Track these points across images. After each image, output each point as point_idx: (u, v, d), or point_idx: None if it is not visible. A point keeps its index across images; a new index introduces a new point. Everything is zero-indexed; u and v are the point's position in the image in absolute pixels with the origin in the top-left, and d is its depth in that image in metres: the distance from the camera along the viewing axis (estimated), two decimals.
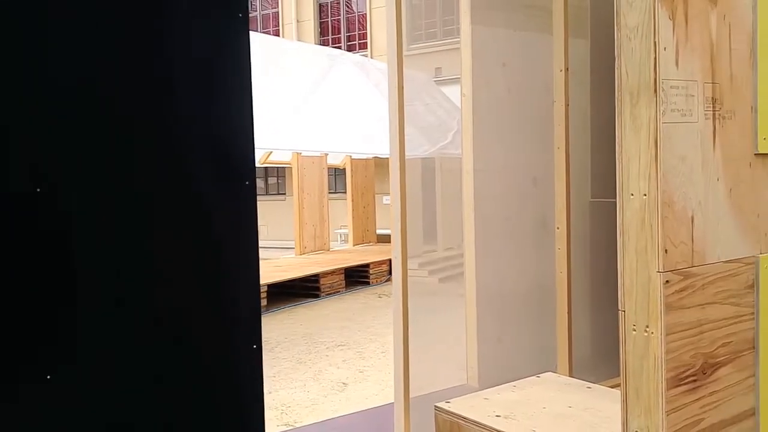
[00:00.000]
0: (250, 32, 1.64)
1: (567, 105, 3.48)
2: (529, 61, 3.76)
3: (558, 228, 3.59)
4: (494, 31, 3.67)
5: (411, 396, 3.06)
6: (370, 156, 11.24)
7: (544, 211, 3.78)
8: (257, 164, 10.67)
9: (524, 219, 3.81)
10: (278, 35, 16.34)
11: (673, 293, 1.34)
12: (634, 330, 1.38)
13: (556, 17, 3.41)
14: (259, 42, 8.15)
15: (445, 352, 4.15)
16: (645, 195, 1.34)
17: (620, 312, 1.41)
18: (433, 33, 13.69)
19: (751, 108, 1.51)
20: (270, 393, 4.98)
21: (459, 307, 3.70)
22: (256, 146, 1.62)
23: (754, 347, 1.53)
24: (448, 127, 10.17)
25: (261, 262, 1.71)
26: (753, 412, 1.53)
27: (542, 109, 3.62)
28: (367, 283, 9.65)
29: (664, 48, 1.31)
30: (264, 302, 7.81)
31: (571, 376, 3.41)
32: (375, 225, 12.35)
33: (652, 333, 1.34)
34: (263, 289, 7.77)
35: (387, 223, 13.86)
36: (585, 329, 3.80)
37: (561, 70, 3.50)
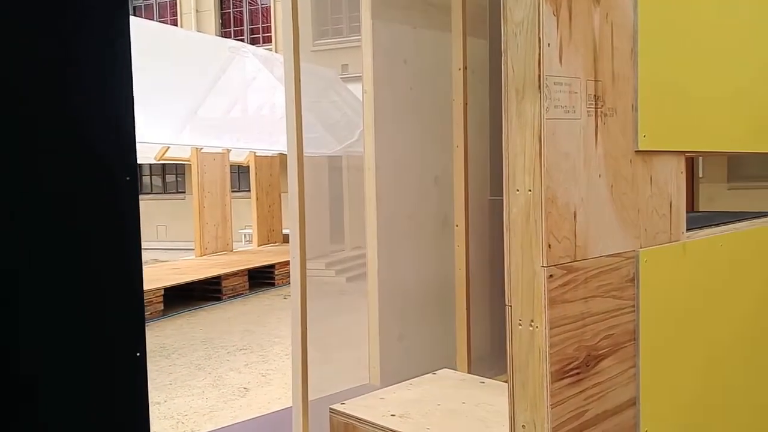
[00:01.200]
0: (143, 20, 1.52)
1: (466, 104, 3.52)
2: (430, 59, 3.77)
3: (457, 226, 3.63)
4: (395, 27, 3.66)
5: (312, 398, 3.00)
6: (275, 153, 11.03)
7: (445, 209, 3.81)
8: (154, 161, 10.22)
9: (426, 217, 3.83)
10: (176, 25, 15.71)
11: (556, 287, 1.35)
12: (520, 324, 1.38)
13: (455, 16, 3.44)
14: (151, 30, 7.77)
15: (350, 352, 4.10)
16: (530, 191, 1.34)
17: (507, 307, 1.41)
18: (340, 29, 13.62)
19: (632, 106, 1.55)
20: (165, 401, 4.75)
21: (366, 307, 3.67)
22: (150, 142, 1.51)
23: (634, 338, 1.57)
24: (356, 125, 10.15)
25: (158, 265, 1.59)
26: (634, 402, 1.58)
27: (443, 107, 3.65)
28: (273, 285, 9.47)
29: (548, 44, 1.32)
30: (160, 307, 7.45)
31: (469, 371, 3.45)
32: (281, 224, 12.14)
33: (537, 327, 1.34)
34: (159, 293, 7.42)
35: (293, 223, 13.67)
36: (484, 325, 3.87)
37: (459, 69, 3.54)
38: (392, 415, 1.91)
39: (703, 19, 1.82)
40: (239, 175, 14.74)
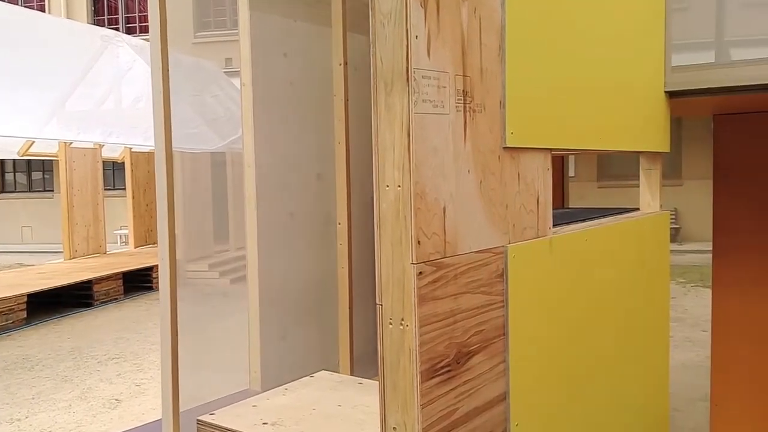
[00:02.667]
0: (3, 2, 1.32)
1: (347, 100, 3.47)
2: (311, 53, 3.69)
3: (339, 224, 3.58)
4: (274, 19, 3.54)
5: (188, 408, 2.84)
6: (153, 148, 10.49)
7: (328, 206, 3.75)
8: (17, 156, 9.39)
9: (309, 215, 3.74)
10: (43, 11, 14.55)
11: (426, 284, 1.32)
12: (391, 324, 1.34)
13: (335, 10, 3.38)
14: (14, 15, 7.12)
15: (232, 356, 3.94)
16: (399, 186, 1.31)
17: (378, 306, 1.36)
18: (223, 22, 13.17)
19: (500, 103, 1.56)
20: (27, 417, 4.35)
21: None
22: (12, 135, 1.31)
23: (504, 334, 1.59)
24: (239, 121, 9.87)
25: (22, 269, 1.39)
26: (504, 397, 1.59)
27: (326, 103, 3.58)
28: (151, 288, 8.99)
29: (416, 36, 1.29)
30: (23, 315, 6.85)
31: (352, 371, 3.41)
32: None
33: (407, 326, 1.31)
34: (22, 299, 6.81)
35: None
36: (368, 324, 3.85)
37: (340, 64, 3.49)
38: (264, 423, 1.82)
39: (571, 18, 1.88)
40: (114, 172, 13.89)
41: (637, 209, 2.66)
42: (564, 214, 2.17)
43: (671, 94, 2.58)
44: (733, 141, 3.70)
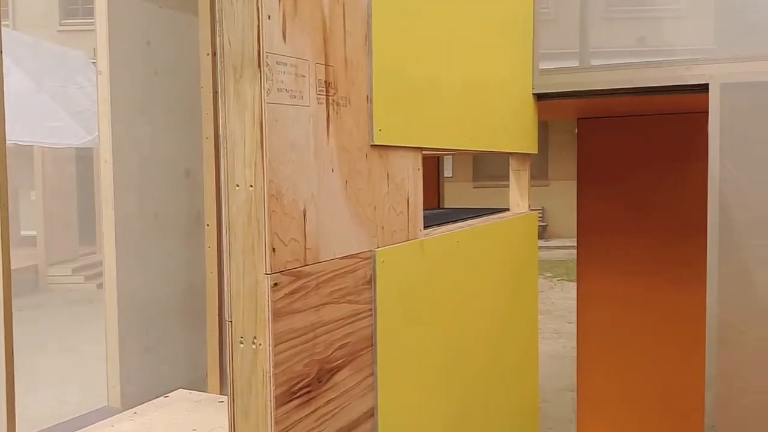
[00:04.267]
0: None
1: (215, 92, 3.25)
2: (178, 42, 3.43)
3: (208, 225, 3.35)
4: (137, 5, 3.25)
5: (47, 425, 2.53)
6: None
7: (198, 205, 3.50)
8: None
9: (176, 215, 3.47)
10: None
11: (283, 297, 1.18)
12: (242, 343, 1.18)
13: None
14: None
15: (97, 369, 3.58)
16: (251, 186, 1.15)
17: (227, 323, 1.20)
18: (91, 10, 12.29)
19: (367, 97, 1.45)
20: None
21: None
22: None
23: (372, 344, 1.48)
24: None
25: None
26: (372, 413, 1.48)
27: (195, 95, 3.35)
28: None
29: (269, 16, 1.14)
30: None
31: (221, 382, 3.20)
32: (17, 226, 10.55)
33: (260, 345, 1.16)
34: None
35: (33, 223, 12.01)
36: None
37: (208, 54, 3.26)
38: None
39: (440, 17, 1.80)
40: None
41: (508, 209, 2.67)
42: (436, 215, 2.11)
43: (539, 97, 2.62)
44: (595, 143, 3.87)
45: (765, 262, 2.18)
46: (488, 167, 15.69)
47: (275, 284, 1.16)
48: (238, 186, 1.17)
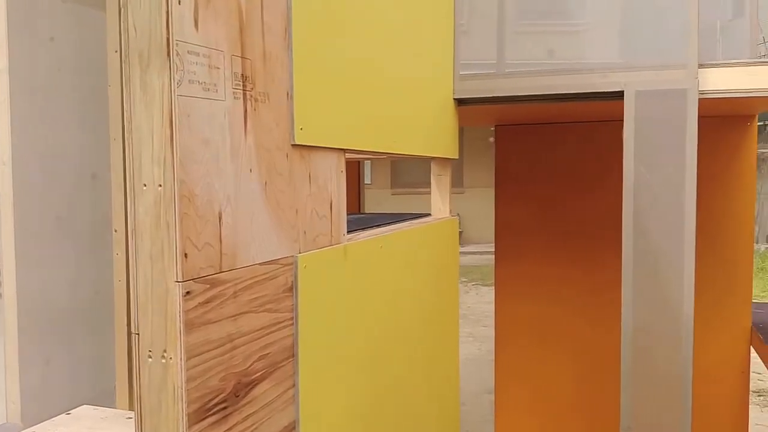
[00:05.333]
0: None
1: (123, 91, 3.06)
2: (84, 38, 3.21)
3: (116, 231, 3.15)
4: None
5: None
6: None
7: (106, 210, 3.30)
8: None
9: (82, 220, 3.25)
10: None
11: (195, 306, 1.09)
12: (150, 357, 1.08)
13: None
14: None
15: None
16: (160, 186, 1.06)
17: (134, 335, 1.10)
18: None
19: (287, 94, 1.38)
20: None
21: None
22: None
23: (293, 355, 1.40)
24: None
25: None
26: (294, 427, 1.40)
27: (104, 94, 3.15)
28: None
29: (179, 1, 1.05)
30: None
31: (131, 398, 3.02)
32: None
33: (171, 359, 1.06)
34: None
35: None
36: None
37: (116, 51, 3.07)
38: None
39: (362, 16, 1.76)
40: None
41: (429, 214, 2.66)
42: (359, 219, 2.06)
43: (459, 102, 2.63)
44: (512, 150, 3.94)
45: (675, 265, 2.26)
46: (406, 174, 15.85)
47: (187, 293, 1.07)
48: (145, 186, 1.07)
